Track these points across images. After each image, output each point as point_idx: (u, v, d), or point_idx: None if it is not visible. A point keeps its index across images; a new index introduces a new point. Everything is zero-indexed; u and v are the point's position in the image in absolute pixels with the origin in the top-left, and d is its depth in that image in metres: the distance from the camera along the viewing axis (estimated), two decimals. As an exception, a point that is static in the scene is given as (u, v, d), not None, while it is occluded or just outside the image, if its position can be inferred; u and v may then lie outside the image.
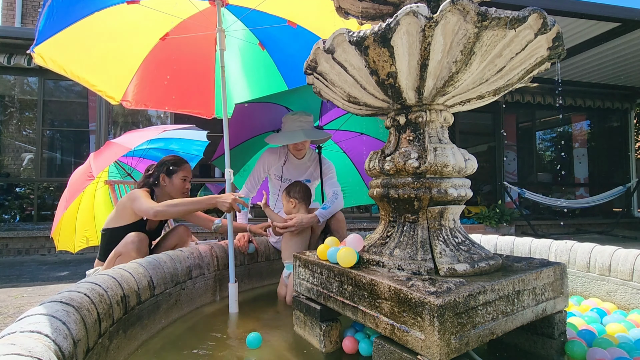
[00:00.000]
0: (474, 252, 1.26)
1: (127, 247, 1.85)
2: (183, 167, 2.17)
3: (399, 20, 1.04)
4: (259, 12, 2.19)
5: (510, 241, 2.31)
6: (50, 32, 1.88)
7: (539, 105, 7.42)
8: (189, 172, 2.20)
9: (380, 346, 1.10)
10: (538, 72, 1.29)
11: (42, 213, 5.71)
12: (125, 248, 1.85)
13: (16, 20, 6.81)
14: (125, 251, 1.84)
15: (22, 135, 6.34)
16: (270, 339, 1.51)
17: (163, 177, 2.13)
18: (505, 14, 1.03)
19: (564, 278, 1.33)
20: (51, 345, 0.86)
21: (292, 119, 2.32)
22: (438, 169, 1.27)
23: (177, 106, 2.61)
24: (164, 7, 2.08)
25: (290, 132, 2.30)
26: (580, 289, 1.94)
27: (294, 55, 2.45)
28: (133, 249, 1.84)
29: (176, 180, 2.14)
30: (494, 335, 1.06)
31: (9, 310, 2.46)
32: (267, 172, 2.50)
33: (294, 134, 2.28)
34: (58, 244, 2.91)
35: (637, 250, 1.77)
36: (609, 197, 6.79)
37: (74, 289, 1.15)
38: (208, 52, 2.49)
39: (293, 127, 2.30)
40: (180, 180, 2.15)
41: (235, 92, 2.70)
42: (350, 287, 1.22)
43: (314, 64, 1.34)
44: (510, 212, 6.42)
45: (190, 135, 3.50)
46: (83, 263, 4.36)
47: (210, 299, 1.98)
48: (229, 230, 1.96)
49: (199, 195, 6.82)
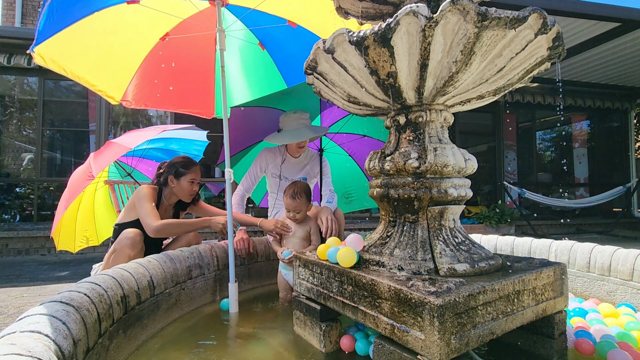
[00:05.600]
0: (474, 252, 1.26)
1: (121, 243, 1.88)
2: (192, 169, 2.18)
3: (399, 20, 1.04)
4: (259, 12, 2.19)
5: (510, 241, 2.31)
6: (50, 31, 1.88)
7: (539, 105, 7.42)
8: (197, 174, 2.21)
9: (380, 346, 1.10)
10: (538, 72, 1.29)
11: (42, 213, 5.71)
12: (120, 244, 1.88)
13: (16, 20, 6.81)
14: (119, 247, 1.87)
15: (22, 135, 6.34)
16: (270, 339, 1.51)
17: (171, 179, 2.15)
18: (505, 14, 1.03)
19: (564, 278, 1.33)
20: (51, 345, 0.86)
21: (292, 117, 2.35)
22: (438, 169, 1.27)
23: (177, 106, 2.61)
24: (164, 7, 2.08)
25: (294, 130, 2.33)
26: (580, 289, 1.94)
27: (294, 55, 2.45)
28: (127, 245, 1.87)
29: (184, 183, 2.15)
30: (494, 335, 1.06)
31: (9, 310, 2.46)
32: (264, 171, 2.51)
33: (299, 131, 2.30)
34: (58, 244, 2.91)
35: (637, 250, 1.77)
36: (609, 197, 6.79)
37: (74, 289, 1.15)
38: (208, 52, 2.49)
39: (296, 125, 2.33)
40: (188, 182, 2.16)
41: (235, 92, 2.69)
42: (350, 287, 1.22)
43: (314, 64, 1.34)
44: (510, 212, 6.42)
45: (190, 135, 3.50)
46: (83, 263, 4.36)
47: (210, 299, 1.97)
48: (229, 230, 1.96)
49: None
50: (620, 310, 1.68)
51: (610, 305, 1.74)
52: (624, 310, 1.67)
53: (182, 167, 2.16)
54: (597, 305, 1.76)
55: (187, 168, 2.17)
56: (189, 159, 2.24)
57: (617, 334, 1.40)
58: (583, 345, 1.31)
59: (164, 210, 2.20)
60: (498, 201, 6.84)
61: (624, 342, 1.33)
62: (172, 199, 2.21)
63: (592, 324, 1.53)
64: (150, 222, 1.92)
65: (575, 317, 1.61)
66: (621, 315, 1.62)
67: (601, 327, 1.47)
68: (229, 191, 2.00)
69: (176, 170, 2.15)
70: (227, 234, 1.88)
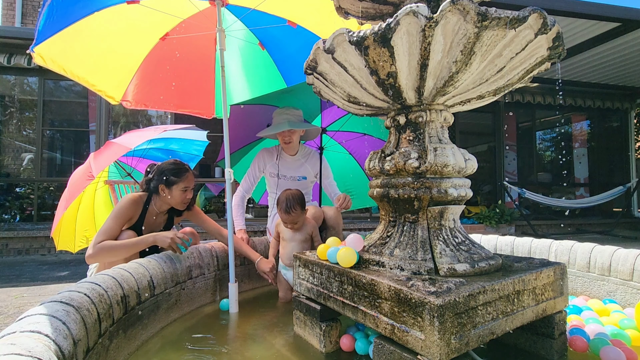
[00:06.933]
0: (474, 252, 1.26)
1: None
2: (183, 177, 2.02)
3: (399, 20, 1.04)
4: (259, 12, 2.19)
5: (510, 241, 2.31)
6: (50, 31, 1.88)
7: (539, 105, 7.42)
8: (190, 181, 2.06)
9: (380, 346, 1.10)
10: (538, 72, 1.29)
11: (42, 213, 5.71)
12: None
13: (16, 20, 6.81)
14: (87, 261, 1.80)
15: (22, 135, 6.34)
16: (271, 339, 1.51)
17: (162, 188, 2.01)
18: (506, 13, 1.03)
19: (564, 278, 1.33)
20: (51, 345, 0.86)
21: (279, 112, 2.44)
22: (438, 169, 1.27)
23: (177, 106, 2.61)
24: (164, 7, 2.08)
25: (277, 124, 2.41)
26: (580, 289, 1.94)
27: (294, 55, 2.45)
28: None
29: (176, 192, 2.01)
30: (494, 335, 1.06)
31: (9, 310, 2.46)
32: (262, 171, 2.53)
33: (279, 125, 2.38)
34: (58, 244, 2.91)
35: (637, 250, 1.77)
36: (609, 197, 6.79)
37: (74, 289, 1.15)
38: (208, 52, 2.49)
39: (279, 120, 2.42)
40: (180, 191, 2.02)
41: (235, 92, 2.69)
42: (350, 287, 1.22)
43: (314, 64, 1.34)
44: (510, 212, 6.42)
45: (190, 135, 3.50)
46: (83, 263, 4.36)
47: (210, 299, 1.98)
48: (228, 230, 1.96)
49: (198, 195, 6.84)
50: (609, 307, 1.71)
51: (598, 301, 1.77)
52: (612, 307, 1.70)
53: (173, 175, 2.01)
54: (587, 302, 1.79)
55: (179, 176, 2.01)
56: (180, 164, 2.09)
57: (611, 333, 1.41)
58: (577, 343, 1.33)
59: (154, 218, 2.08)
60: (498, 201, 6.84)
61: (617, 340, 1.34)
62: (163, 207, 2.07)
63: (587, 323, 1.54)
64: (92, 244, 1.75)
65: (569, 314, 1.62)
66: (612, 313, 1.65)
67: (596, 326, 1.48)
68: (229, 191, 2.00)
69: (167, 178, 2.01)
70: (176, 249, 1.79)
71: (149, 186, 2.06)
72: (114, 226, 1.85)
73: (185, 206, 2.11)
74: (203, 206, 6.69)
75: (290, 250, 1.98)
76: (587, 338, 1.35)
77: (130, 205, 1.94)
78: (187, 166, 2.10)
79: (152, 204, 2.05)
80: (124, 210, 1.90)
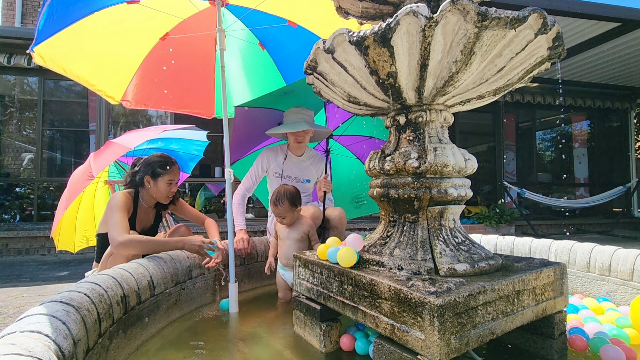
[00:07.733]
0: (474, 252, 1.26)
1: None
2: (170, 170, 2.02)
3: (399, 20, 1.04)
4: (259, 12, 2.19)
5: (510, 241, 2.31)
6: (50, 31, 1.88)
7: (539, 105, 7.42)
8: (176, 175, 2.06)
9: (380, 346, 1.10)
10: (538, 72, 1.29)
11: (42, 213, 5.71)
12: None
13: (16, 20, 6.81)
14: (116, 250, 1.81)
15: (22, 135, 6.34)
16: (270, 339, 1.51)
17: (148, 179, 2.00)
18: (506, 13, 1.03)
19: (564, 278, 1.33)
20: (51, 345, 0.86)
21: (294, 111, 2.35)
22: (438, 169, 1.27)
23: (177, 106, 2.61)
24: (164, 7, 2.08)
25: (293, 122, 2.32)
26: (580, 289, 1.94)
27: (294, 55, 2.45)
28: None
29: (161, 184, 2.00)
30: (494, 335, 1.06)
31: (9, 310, 2.46)
32: (265, 171, 2.50)
33: (296, 123, 2.29)
34: (58, 243, 2.91)
35: (637, 250, 1.77)
36: (609, 197, 6.79)
37: (74, 289, 1.15)
38: (208, 52, 2.49)
39: (295, 118, 2.32)
40: (165, 184, 2.01)
41: (235, 92, 2.70)
42: (350, 287, 1.22)
43: (314, 64, 1.34)
44: (510, 212, 6.42)
45: (190, 135, 3.49)
46: (83, 263, 4.36)
47: (210, 299, 1.97)
48: (228, 230, 1.96)
49: (198, 195, 6.84)
50: (603, 305, 1.72)
51: (593, 299, 1.78)
52: (606, 305, 1.72)
53: (159, 167, 2.00)
54: (582, 300, 1.81)
55: (165, 168, 2.00)
56: (167, 157, 2.07)
57: (610, 332, 1.42)
58: (577, 342, 1.33)
59: (144, 213, 2.08)
60: (498, 201, 6.84)
61: (616, 339, 1.35)
62: (150, 202, 2.07)
63: (585, 322, 1.54)
64: (115, 235, 1.73)
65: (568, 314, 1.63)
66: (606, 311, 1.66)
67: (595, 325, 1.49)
68: (229, 191, 2.00)
69: (153, 170, 2.00)
70: (203, 254, 1.80)
71: (133, 179, 2.04)
72: (120, 217, 1.82)
73: (169, 200, 2.10)
74: (203, 206, 6.68)
75: (286, 249, 1.98)
76: (586, 337, 1.35)
77: (126, 199, 1.94)
78: (173, 160, 2.09)
79: (141, 201, 2.05)
80: (122, 204, 1.89)
